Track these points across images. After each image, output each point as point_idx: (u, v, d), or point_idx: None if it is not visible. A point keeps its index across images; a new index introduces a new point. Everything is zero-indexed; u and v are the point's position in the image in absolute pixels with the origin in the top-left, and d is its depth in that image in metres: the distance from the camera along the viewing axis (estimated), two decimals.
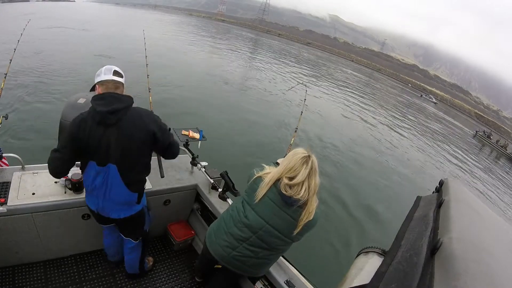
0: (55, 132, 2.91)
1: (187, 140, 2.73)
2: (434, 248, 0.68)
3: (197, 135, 2.80)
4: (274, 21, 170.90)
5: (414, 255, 0.74)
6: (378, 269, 0.80)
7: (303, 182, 1.46)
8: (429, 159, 13.66)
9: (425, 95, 65.29)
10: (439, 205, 0.93)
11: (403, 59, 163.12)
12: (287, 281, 1.85)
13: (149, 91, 2.95)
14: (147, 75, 3.35)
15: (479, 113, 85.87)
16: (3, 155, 2.23)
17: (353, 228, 6.02)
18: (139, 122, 1.59)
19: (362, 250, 1.19)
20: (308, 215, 1.48)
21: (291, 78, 22.19)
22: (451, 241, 0.68)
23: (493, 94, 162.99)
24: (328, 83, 25.24)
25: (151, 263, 2.40)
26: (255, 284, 2.00)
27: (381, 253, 1.12)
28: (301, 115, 3.23)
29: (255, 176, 1.61)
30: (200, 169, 2.67)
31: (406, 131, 17.52)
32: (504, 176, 19.15)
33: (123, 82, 1.64)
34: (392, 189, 8.82)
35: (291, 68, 28.10)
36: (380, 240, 5.65)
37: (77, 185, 2.00)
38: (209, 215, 2.63)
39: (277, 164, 1.72)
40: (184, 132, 2.80)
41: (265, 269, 1.74)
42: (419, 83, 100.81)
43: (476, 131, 37.15)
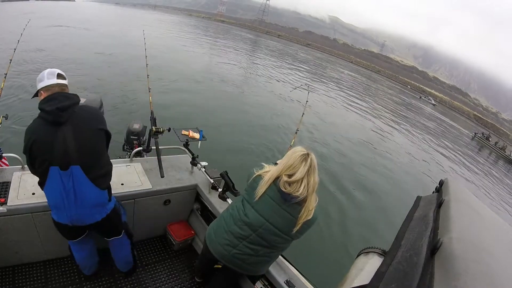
0: None
1: (187, 140, 2.72)
2: (434, 248, 0.68)
3: (197, 135, 2.79)
4: (273, 22, 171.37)
5: (414, 255, 0.74)
6: (378, 269, 0.80)
7: (302, 179, 1.47)
8: (428, 160, 13.66)
9: (424, 97, 65.44)
10: (439, 205, 0.94)
11: (402, 61, 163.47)
12: (287, 281, 1.84)
13: (149, 91, 2.94)
14: (147, 75, 3.34)
15: (478, 115, 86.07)
16: (3, 155, 2.22)
17: (353, 228, 6.03)
18: (89, 117, 1.58)
19: (362, 250, 1.19)
20: (307, 212, 1.49)
21: (291, 79, 22.20)
22: (451, 241, 0.68)
23: (492, 96, 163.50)
24: (326, 84, 25.26)
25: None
26: (255, 284, 1.99)
27: (381, 253, 1.12)
28: (302, 116, 3.23)
29: (255, 174, 1.62)
30: (200, 169, 2.66)
31: (404, 133, 17.55)
32: (503, 177, 19.20)
33: (67, 83, 1.60)
34: (392, 189, 8.83)
35: (290, 69, 28.13)
36: (380, 240, 5.66)
37: None
38: (209, 215, 2.62)
39: (277, 164, 1.73)
40: (184, 132, 2.80)
41: (265, 267, 1.74)
42: (418, 84, 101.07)
43: (475, 133, 37.22)
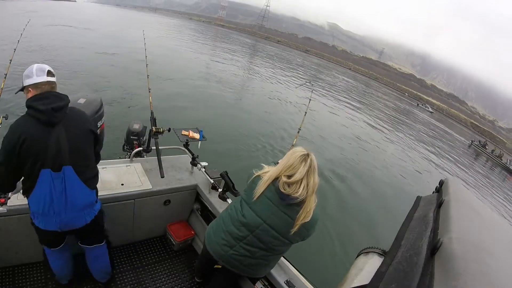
0: None
1: (187, 140, 2.72)
2: (434, 248, 0.69)
3: (197, 135, 2.79)
4: (273, 27, 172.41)
5: (414, 255, 0.74)
6: (378, 269, 0.80)
7: (301, 180, 1.44)
8: (425, 167, 13.71)
9: (422, 104, 65.83)
10: (439, 205, 0.94)
11: (400, 68, 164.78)
12: (287, 281, 1.84)
13: (149, 91, 2.93)
14: (147, 75, 3.34)
15: (475, 123, 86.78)
16: None
17: (353, 228, 6.03)
18: (79, 118, 1.58)
19: (362, 250, 1.19)
20: (305, 214, 1.46)
21: (291, 81, 22.36)
22: (451, 241, 0.68)
23: (489, 104, 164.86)
24: (324, 89, 25.38)
25: None
26: (255, 284, 1.98)
27: (381, 253, 1.12)
28: (305, 115, 3.22)
29: (254, 175, 1.61)
30: (200, 169, 2.66)
31: (401, 139, 17.60)
32: (500, 184, 19.34)
33: (55, 81, 1.58)
34: (392, 189, 8.88)
35: (289, 73, 28.27)
36: (380, 240, 5.68)
37: None
38: (209, 215, 2.61)
39: (277, 165, 1.73)
40: (184, 132, 2.79)
41: (263, 270, 1.71)
42: (416, 92, 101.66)
43: (471, 141, 37.56)
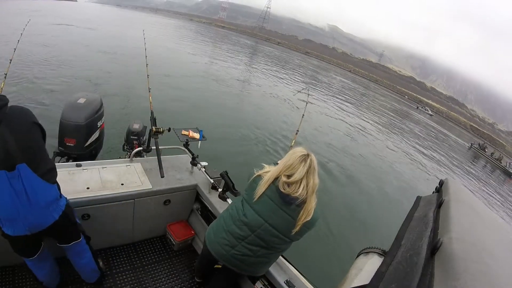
0: (55, 132, 2.90)
1: (187, 140, 2.72)
2: (434, 248, 0.69)
3: (197, 135, 2.79)
4: (273, 29, 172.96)
5: (414, 255, 0.74)
6: (378, 269, 0.80)
7: (301, 180, 1.45)
8: (424, 168, 13.72)
9: (421, 107, 66.00)
10: (439, 205, 0.94)
11: (400, 71, 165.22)
12: (287, 281, 1.83)
13: (149, 91, 2.92)
14: (147, 75, 3.34)
15: (474, 125, 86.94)
16: None
17: (353, 228, 6.02)
18: (20, 114, 1.54)
19: (362, 250, 1.19)
20: (306, 214, 1.46)
21: (291, 82, 22.41)
22: (451, 241, 0.68)
23: (488, 107, 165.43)
24: (324, 92, 25.41)
25: (101, 262, 2.16)
26: (255, 284, 1.98)
27: (381, 253, 1.12)
28: (303, 118, 3.24)
29: (255, 175, 1.61)
30: (200, 169, 2.65)
31: (401, 142, 17.60)
32: (499, 187, 19.37)
33: None
34: (392, 189, 8.87)
35: (289, 74, 28.32)
36: (380, 240, 5.65)
37: None
38: (209, 215, 2.61)
39: (277, 165, 1.73)
40: (184, 132, 2.79)
41: (264, 268, 1.72)
42: (415, 95, 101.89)
43: (471, 144, 37.56)
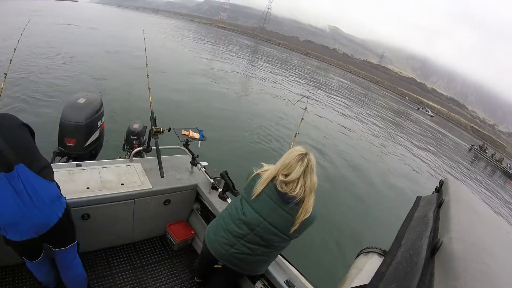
0: (56, 132, 2.90)
1: (187, 140, 2.71)
2: (434, 248, 0.68)
3: (197, 135, 2.78)
4: (274, 30, 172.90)
5: (414, 255, 0.74)
6: (378, 269, 0.80)
7: (298, 179, 1.46)
8: (425, 169, 13.73)
9: (422, 108, 66.11)
10: (439, 205, 0.94)
11: (401, 72, 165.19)
12: (287, 281, 1.83)
13: (149, 91, 2.92)
14: (147, 75, 3.34)
15: (475, 127, 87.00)
16: None
17: (353, 228, 6.00)
18: (8, 119, 1.50)
19: (362, 250, 1.19)
20: (305, 212, 1.48)
21: (291, 83, 22.48)
22: (451, 241, 0.68)
23: (489, 108, 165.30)
24: (325, 94, 25.44)
25: None
26: (255, 284, 1.98)
27: (381, 253, 1.12)
28: (301, 120, 3.25)
29: (254, 173, 1.62)
30: (200, 169, 2.65)
31: (401, 143, 17.61)
32: (500, 188, 19.37)
33: None
34: (392, 189, 8.87)
35: (289, 75, 28.35)
36: (380, 240, 5.64)
37: None
38: (209, 215, 2.61)
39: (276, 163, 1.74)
40: (184, 132, 2.79)
41: (263, 267, 1.72)
42: (416, 96, 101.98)
43: (472, 145, 37.61)
